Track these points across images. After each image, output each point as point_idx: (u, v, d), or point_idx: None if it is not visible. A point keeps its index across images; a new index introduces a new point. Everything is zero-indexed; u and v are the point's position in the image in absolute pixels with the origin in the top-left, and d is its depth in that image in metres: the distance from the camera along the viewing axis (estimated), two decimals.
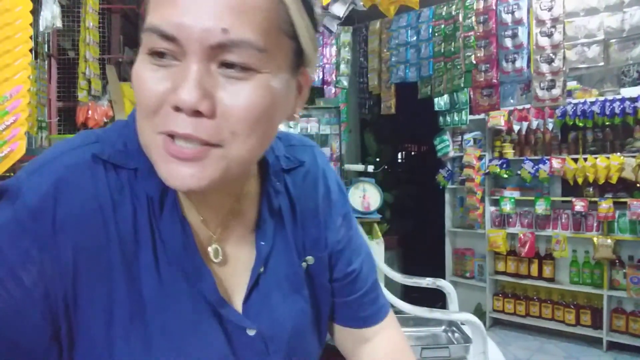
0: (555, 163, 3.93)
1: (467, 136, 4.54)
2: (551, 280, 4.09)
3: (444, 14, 3.77)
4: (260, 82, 0.44)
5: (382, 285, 2.21)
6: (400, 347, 0.71)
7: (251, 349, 0.53)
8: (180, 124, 0.43)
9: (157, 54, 0.44)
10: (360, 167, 3.34)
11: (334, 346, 0.72)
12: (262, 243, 0.57)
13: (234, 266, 0.56)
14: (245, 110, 0.44)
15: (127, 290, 0.47)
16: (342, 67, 4.33)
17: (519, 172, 4.17)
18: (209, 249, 0.54)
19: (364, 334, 0.69)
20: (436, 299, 3.59)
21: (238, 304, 0.55)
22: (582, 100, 3.82)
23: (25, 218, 0.44)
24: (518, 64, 3.32)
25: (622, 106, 3.63)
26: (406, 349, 0.72)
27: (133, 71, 0.46)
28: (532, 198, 4.13)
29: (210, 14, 0.41)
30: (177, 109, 0.43)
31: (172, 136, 0.44)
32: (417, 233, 5.38)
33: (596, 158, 3.72)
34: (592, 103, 3.76)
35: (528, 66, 3.28)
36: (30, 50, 1.89)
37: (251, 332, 0.53)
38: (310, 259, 0.62)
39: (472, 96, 3.72)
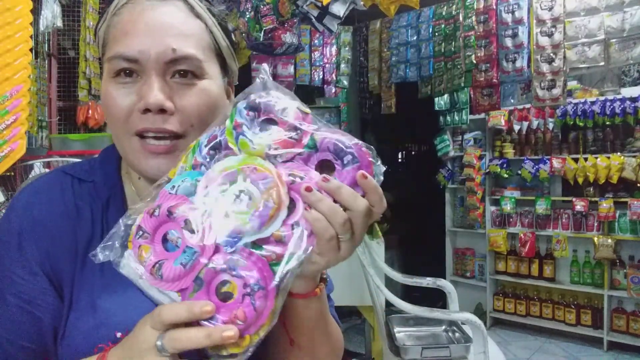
0: (556, 163, 3.93)
1: (467, 136, 4.54)
2: (552, 280, 4.09)
3: (444, 13, 3.77)
4: (203, 86, 0.62)
5: (382, 284, 2.22)
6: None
7: None
8: (150, 121, 0.59)
9: (124, 74, 0.60)
10: None
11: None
12: None
13: None
14: (197, 107, 0.61)
15: (82, 266, 0.61)
16: (343, 66, 4.33)
17: (519, 171, 4.17)
18: None
19: None
20: (437, 298, 3.59)
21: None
22: (582, 100, 3.82)
23: (15, 220, 0.62)
24: (518, 63, 3.32)
25: (622, 106, 3.63)
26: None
27: (102, 93, 0.62)
28: (533, 198, 4.13)
29: (162, 40, 0.59)
30: (146, 111, 0.58)
31: (143, 136, 0.60)
32: (418, 233, 5.37)
33: (596, 158, 3.72)
34: (593, 103, 3.76)
35: (528, 66, 3.28)
36: (31, 50, 1.89)
37: None
38: None
39: (472, 96, 3.72)
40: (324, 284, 0.59)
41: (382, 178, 0.52)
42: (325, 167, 0.52)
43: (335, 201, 0.49)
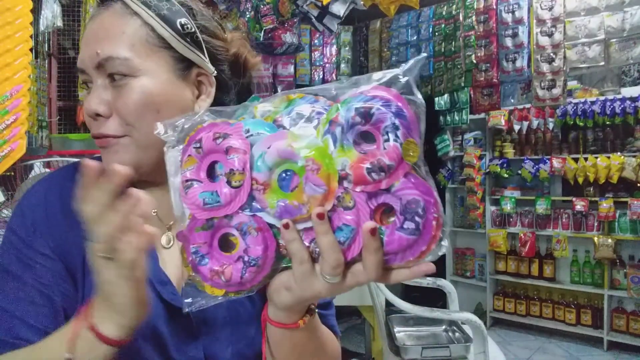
0: (556, 163, 3.93)
1: (467, 136, 4.53)
2: (552, 279, 4.09)
3: (444, 13, 3.77)
4: (138, 83, 0.61)
5: (382, 284, 2.22)
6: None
7: (184, 326, 0.62)
8: (93, 127, 0.62)
9: (85, 84, 0.65)
10: None
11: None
12: None
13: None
14: (130, 106, 0.60)
15: (87, 263, 0.60)
16: (343, 66, 4.32)
17: (519, 171, 4.17)
18: (163, 236, 0.67)
19: None
20: (437, 298, 3.59)
21: (180, 286, 0.64)
22: (582, 100, 3.82)
23: (27, 211, 0.63)
24: (518, 63, 3.32)
25: (622, 106, 3.63)
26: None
27: None
28: (533, 198, 4.13)
29: (92, 46, 0.61)
30: (89, 117, 0.62)
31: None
32: None
33: (597, 158, 3.72)
34: (593, 103, 3.75)
35: (528, 66, 3.28)
36: (31, 50, 1.88)
37: (184, 311, 0.61)
38: None
39: (472, 96, 3.71)
40: (311, 315, 0.56)
41: (433, 260, 0.46)
42: (384, 211, 0.46)
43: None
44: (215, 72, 0.68)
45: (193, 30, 0.65)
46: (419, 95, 0.45)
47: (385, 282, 0.48)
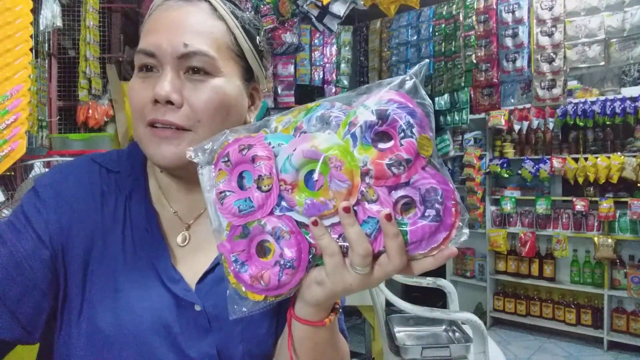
0: (556, 162, 3.93)
1: (467, 135, 4.53)
2: (552, 279, 4.09)
3: (444, 13, 3.77)
4: (216, 83, 0.63)
5: (382, 284, 2.22)
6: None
7: (195, 322, 0.63)
8: (159, 112, 0.61)
9: (145, 68, 0.63)
10: None
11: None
12: None
13: (200, 253, 0.67)
14: (205, 103, 0.61)
15: (95, 253, 0.62)
16: (343, 66, 4.32)
17: (519, 171, 4.17)
18: (179, 235, 0.68)
19: None
20: (437, 298, 3.59)
21: (193, 283, 0.65)
22: (582, 100, 3.82)
23: (40, 189, 0.64)
24: (518, 63, 3.32)
25: (622, 106, 3.63)
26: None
27: (129, 85, 0.65)
28: (533, 197, 4.13)
29: (176, 35, 0.61)
30: (155, 102, 0.60)
31: (154, 126, 0.61)
32: None
33: (597, 158, 3.72)
34: (593, 102, 3.75)
35: (529, 66, 3.28)
36: (31, 49, 1.88)
37: (197, 308, 0.63)
38: None
39: (472, 95, 3.71)
40: (336, 314, 0.58)
41: (456, 244, 0.48)
42: (404, 205, 0.49)
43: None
44: (266, 89, 0.74)
45: (262, 49, 0.70)
46: (426, 97, 0.49)
47: (410, 272, 0.50)
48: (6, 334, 0.57)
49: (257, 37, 0.69)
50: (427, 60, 0.54)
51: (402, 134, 0.47)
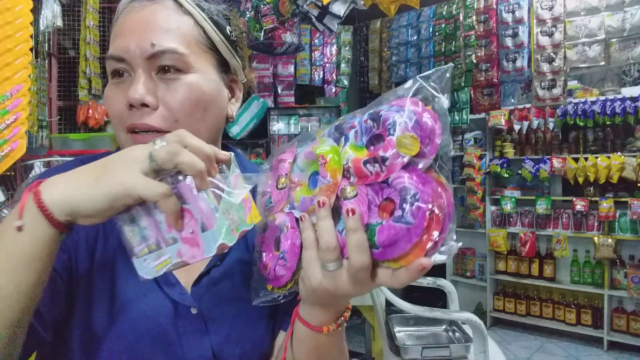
0: (556, 162, 3.93)
1: (467, 135, 4.53)
2: (552, 279, 4.09)
3: (444, 13, 3.77)
4: (189, 80, 0.61)
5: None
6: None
7: (192, 325, 0.63)
8: (135, 117, 0.60)
9: (117, 74, 0.62)
10: None
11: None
12: None
13: None
14: (180, 101, 0.60)
15: (97, 256, 0.62)
16: (343, 66, 4.33)
17: (519, 171, 4.16)
18: None
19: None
20: (437, 298, 3.59)
21: (189, 286, 0.65)
22: (582, 100, 3.81)
23: None
24: (519, 63, 3.32)
25: (622, 106, 3.63)
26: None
27: (104, 94, 0.65)
28: (533, 197, 4.13)
29: (143, 36, 0.60)
30: (131, 106, 0.59)
31: (134, 132, 0.60)
32: None
33: (597, 157, 3.72)
34: (593, 102, 3.75)
35: (529, 65, 3.28)
36: (31, 49, 1.88)
37: (194, 311, 0.63)
38: None
39: (472, 95, 3.71)
40: (337, 326, 0.58)
41: (442, 257, 0.44)
42: (387, 204, 0.47)
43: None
44: (245, 79, 0.72)
45: (235, 39, 0.69)
46: (442, 99, 0.46)
47: (379, 283, 0.48)
48: (36, 346, 0.56)
49: (228, 27, 0.67)
50: (450, 64, 0.51)
51: (388, 133, 0.46)
